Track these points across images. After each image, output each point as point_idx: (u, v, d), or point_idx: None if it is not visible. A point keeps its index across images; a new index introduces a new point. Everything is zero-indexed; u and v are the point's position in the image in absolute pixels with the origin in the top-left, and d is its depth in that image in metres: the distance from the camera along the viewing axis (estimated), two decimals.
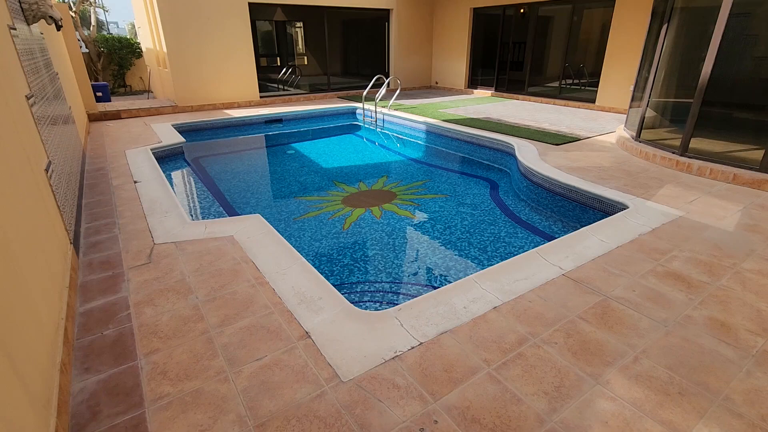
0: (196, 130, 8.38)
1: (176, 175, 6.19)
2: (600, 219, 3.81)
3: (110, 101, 10.92)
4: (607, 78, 9.33)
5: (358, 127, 9.59)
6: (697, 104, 5.02)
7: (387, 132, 9.04)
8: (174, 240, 3.33)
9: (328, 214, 4.76)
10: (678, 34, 5.48)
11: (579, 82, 10.65)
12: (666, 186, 4.57)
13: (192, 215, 4.78)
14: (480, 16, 12.09)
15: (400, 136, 8.69)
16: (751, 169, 4.60)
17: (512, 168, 6.03)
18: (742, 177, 4.58)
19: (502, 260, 3.18)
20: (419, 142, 8.29)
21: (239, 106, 10.31)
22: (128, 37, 17.62)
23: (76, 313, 2.45)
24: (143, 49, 14.02)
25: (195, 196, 5.47)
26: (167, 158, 6.37)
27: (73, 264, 2.86)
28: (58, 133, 4.03)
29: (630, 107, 6.56)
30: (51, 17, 3.84)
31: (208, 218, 4.63)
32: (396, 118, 9.05)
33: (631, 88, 6.62)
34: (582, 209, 4.50)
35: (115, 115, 8.81)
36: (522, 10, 11.04)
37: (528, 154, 5.70)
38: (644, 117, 5.90)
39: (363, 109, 9.68)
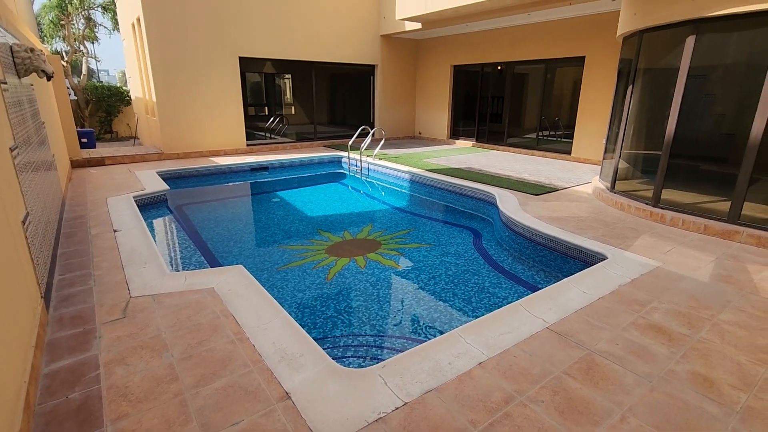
0: (181, 177, 8.39)
1: (158, 223, 6.11)
2: (580, 269, 3.88)
3: (95, 147, 10.94)
4: (581, 131, 9.85)
5: (344, 176, 9.76)
6: (665, 158, 5.31)
7: (372, 181, 9.21)
8: (152, 293, 3.24)
9: (312, 264, 4.71)
10: (643, 93, 5.88)
11: (555, 134, 11.18)
12: (642, 236, 4.72)
13: (172, 265, 4.68)
14: (460, 72, 12.82)
15: (385, 185, 8.85)
16: (720, 220, 4.81)
17: (494, 217, 6.16)
18: (712, 228, 4.77)
19: (486, 312, 3.17)
20: (403, 191, 8.45)
21: (226, 153, 10.43)
22: (118, 85, 18.01)
23: (40, 374, 2.31)
24: (132, 98, 14.28)
25: (177, 245, 5.38)
26: (150, 206, 6.32)
27: (42, 320, 2.73)
28: (39, 182, 3.99)
29: (604, 159, 6.88)
30: (43, 71, 3.93)
31: (189, 268, 4.53)
32: (381, 167, 9.26)
33: (604, 141, 6.99)
34: (563, 259, 4.58)
35: (99, 162, 8.79)
36: (499, 67, 11.76)
37: (509, 204, 5.85)
38: (617, 169, 6.19)
39: (348, 158, 9.90)
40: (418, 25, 11.09)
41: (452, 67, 12.80)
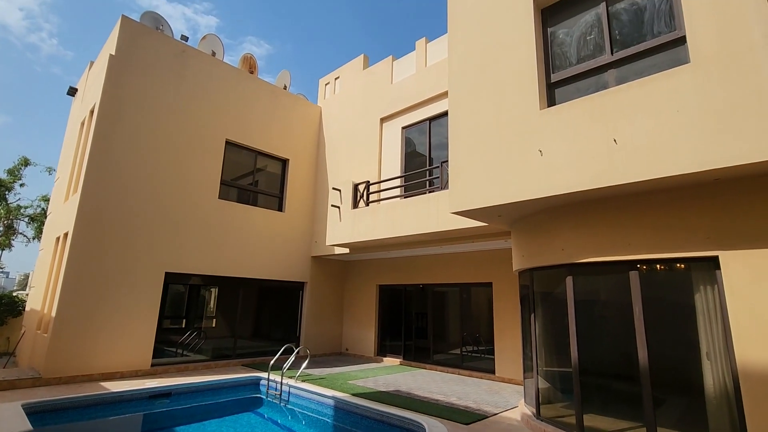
0: (54, 410, 6.88)
1: None
2: None
3: None
4: (500, 349, 10.27)
5: (260, 402, 8.69)
6: (577, 385, 5.57)
7: (292, 408, 8.25)
8: None
9: None
10: (544, 318, 6.56)
11: (477, 349, 11.50)
12: None
13: None
14: (385, 290, 13.68)
15: (307, 413, 7.93)
16: None
17: None
18: None
19: None
20: (327, 419, 7.59)
21: (123, 376, 9.06)
22: (14, 291, 16.35)
23: None
24: (27, 309, 12.84)
25: None
26: None
27: None
28: None
29: (524, 378, 7.02)
30: None
31: None
32: (303, 391, 8.47)
33: (521, 362, 7.29)
34: None
35: None
36: (421, 286, 12.79)
37: None
38: (539, 394, 6.28)
39: (268, 380, 9.05)
40: (346, 250, 12.29)
41: (378, 286, 13.69)
